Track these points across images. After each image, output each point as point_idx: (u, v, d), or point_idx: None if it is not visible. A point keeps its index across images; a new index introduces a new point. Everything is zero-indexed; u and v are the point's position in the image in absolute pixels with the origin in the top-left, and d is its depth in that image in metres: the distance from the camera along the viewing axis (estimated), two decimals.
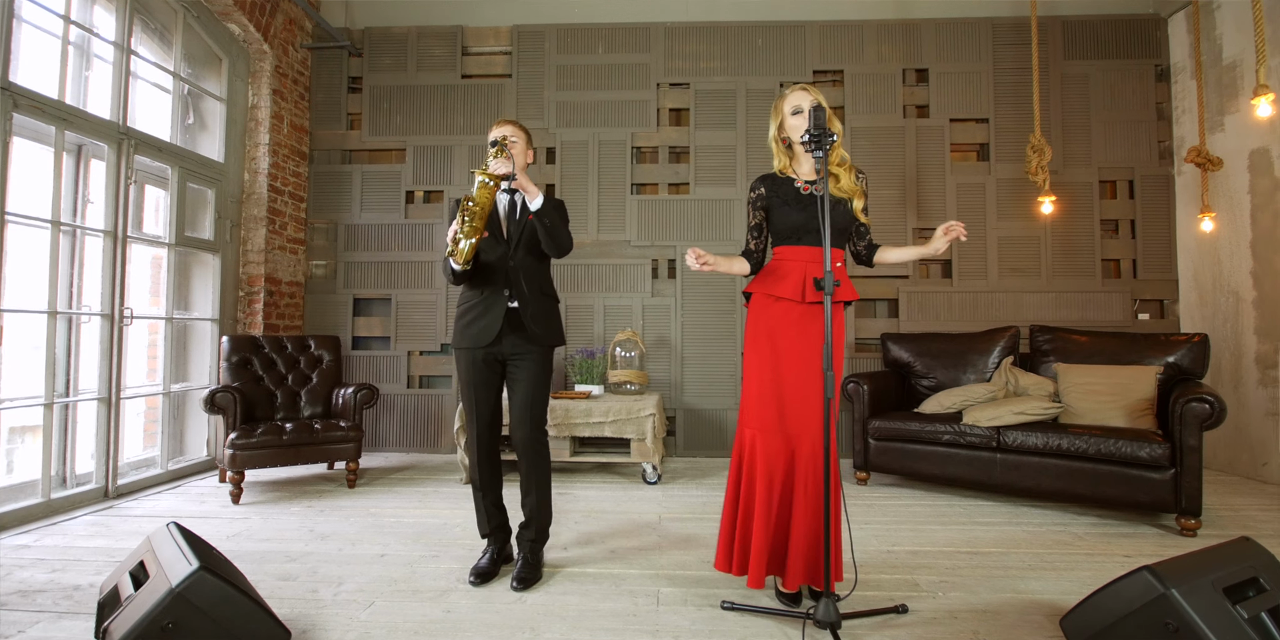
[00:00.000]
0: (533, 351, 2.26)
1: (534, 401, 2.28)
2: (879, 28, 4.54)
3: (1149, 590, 1.40)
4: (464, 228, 2.09)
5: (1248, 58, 3.82)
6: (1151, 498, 2.78)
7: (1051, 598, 2.11)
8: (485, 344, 2.24)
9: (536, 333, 2.25)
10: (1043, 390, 3.37)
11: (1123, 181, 4.47)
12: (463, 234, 2.10)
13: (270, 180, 4.22)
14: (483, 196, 2.09)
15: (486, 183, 2.10)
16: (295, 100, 4.49)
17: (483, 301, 2.27)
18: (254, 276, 4.20)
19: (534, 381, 2.26)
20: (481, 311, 2.26)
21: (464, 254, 2.11)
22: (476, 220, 2.10)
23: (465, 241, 2.10)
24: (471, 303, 2.30)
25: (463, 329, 2.29)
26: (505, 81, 4.63)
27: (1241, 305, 3.91)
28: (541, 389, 2.30)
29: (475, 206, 2.09)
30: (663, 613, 2.00)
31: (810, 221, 2.10)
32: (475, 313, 2.27)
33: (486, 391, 2.30)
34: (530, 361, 2.26)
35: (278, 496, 3.37)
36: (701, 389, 4.45)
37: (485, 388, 2.30)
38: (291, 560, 2.44)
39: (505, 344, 2.25)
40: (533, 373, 2.27)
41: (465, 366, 2.29)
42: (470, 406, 2.31)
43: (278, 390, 3.77)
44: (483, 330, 2.24)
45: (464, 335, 2.29)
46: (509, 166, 2.13)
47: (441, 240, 4.57)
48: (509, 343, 2.25)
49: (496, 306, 2.25)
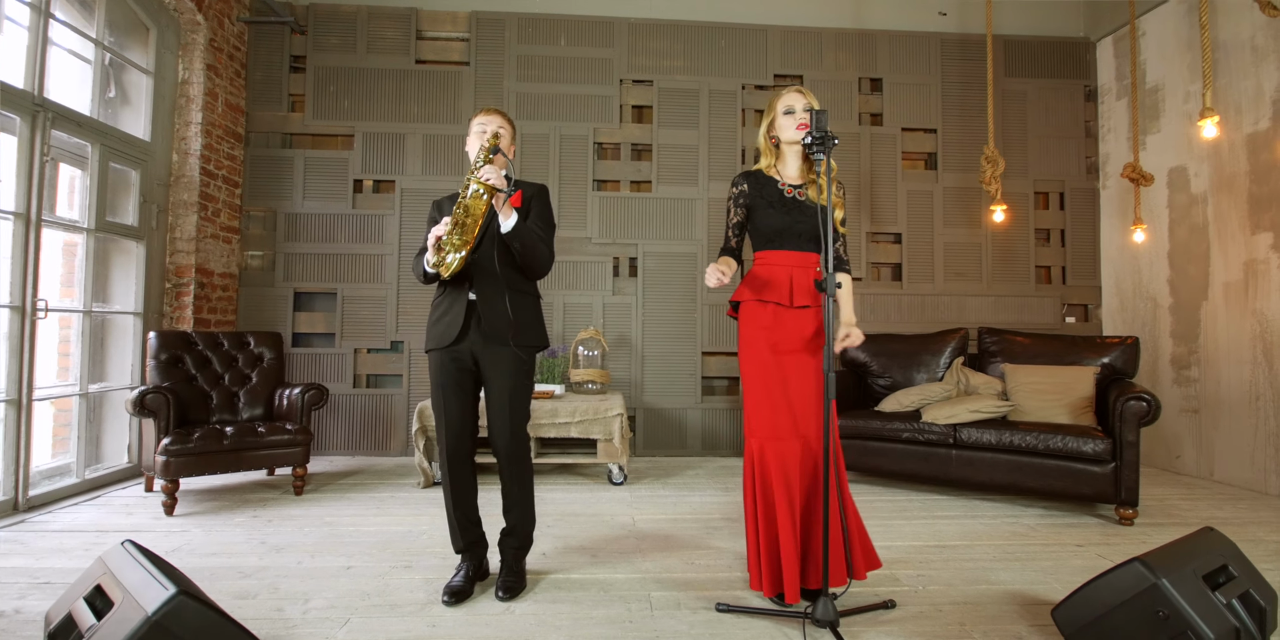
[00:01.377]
0: (504, 352, 2.07)
1: (512, 407, 2.10)
2: (837, 36, 4.65)
3: (1141, 581, 1.48)
4: (453, 240, 1.92)
5: (1170, 82, 4.15)
6: (1094, 490, 2.98)
7: (1021, 587, 2.22)
8: (447, 344, 2.06)
9: (502, 331, 2.05)
10: (991, 389, 3.55)
11: (1054, 193, 4.78)
12: (451, 246, 1.93)
13: (203, 163, 3.89)
14: (476, 208, 1.92)
15: (480, 194, 1.91)
16: (231, 77, 4.16)
17: (445, 298, 2.13)
18: (183, 267, 3.87)
19: (509, 385, 2.08)
20: (445, 310, 2.11)
21: (451, 269, 1.94)
22: (468, 233, 1.93)
23: (454, 255, 1.93)
24: (437, 300, 2.17)
25: (429, 328, 2.15)
26: (463, 69, 4.45)
27: (1159, 311, 4.26)
28: (519, 394, 2.12)
29: (468, 218, 1.92)
30: (658, 617, 1.96)
31: (794, 226, 2.11)
32: (439, 311, 2.13)
33: (457, 395, 2.10)
34: (503, 362, 2.08)
35: (217, 506, 3.11)
36: (662, 388, 4.44)
37: (456, 391, 2.09)
38: (246, 576, 2.25)
39: (472, 344, 2.07)
40: (506, 375, 2.08)
41: (435, 368, 2.12)
42: (439, 412, 2.12)
43: (213, 391, 3.49)
44: (445, 329, 2.08)
45: (429, 335, 2.15)
46: (500, 174, 1.95)
47: (391, 233, 4.35)
48: (476, 342, 2.07)
49: (458, 303, 2.08)
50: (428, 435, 3.51)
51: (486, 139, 2.02)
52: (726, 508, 3.17)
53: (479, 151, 1.99)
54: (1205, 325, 3.93)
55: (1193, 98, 4.00)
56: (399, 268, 4.35)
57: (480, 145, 2.03)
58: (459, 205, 1.94)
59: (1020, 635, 1.86)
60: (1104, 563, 2.45)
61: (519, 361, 2.11)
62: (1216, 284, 3.85)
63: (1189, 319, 4.04)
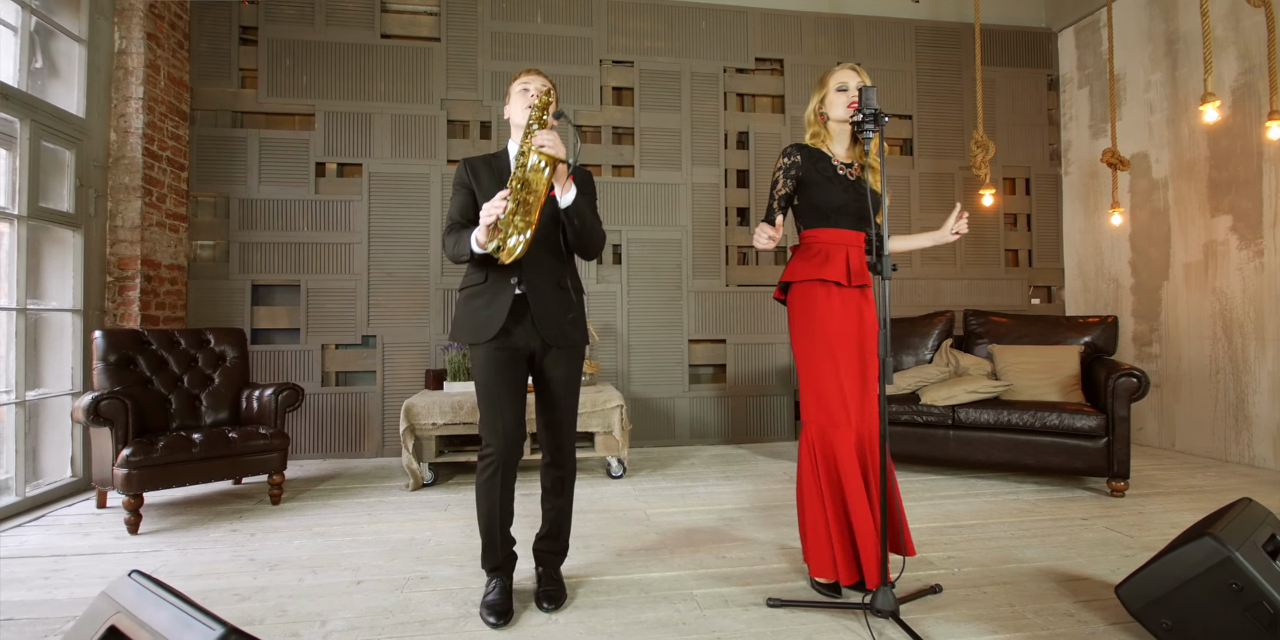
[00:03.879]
0: (565, 346, 1.93)
1: (572, 404, 1.98)
2: (816, 20, 4.63)
3: (1213, 554, 1.50)
4: (516, 220, 1.69)
5: (1131, 71, 4.32)
6: (1088, 464, 3.08)
7: (1049, 564, 2.25)
8: (490, 337, 1.86)
9: (561, 324, 1.90)
10: (981, 369, 3.63)
11: (1021, 179, 4.93)
12: (515, 227, 1.69)
13: (146, 142, 3.51)
14: (537, 182, 1.70)
15: (541, 166, 1.70)
16: (174, 49, 3.76)
17: (489, 286, 1.88)
18: (127, 258, 3.49)
19: (572, 382, 1.96)
20: (490, 299, 1.88)
21: (515, 253, 1.71)
22: (531, 212, 1.70)
23: (518, 237, 1.70)
24: (477, 288, 1.91)
25: (467, 317, 1.92)
26: (433, 45, 4.18)
27: (1121, 291, 4.46)
28: (576, 390, 1.99)
29: (529, 195, 1.70)
30: (710, 617, 1.88)
31: (851, 204, 2.05)
32: (483, 299, 1.89)
33: (512, 394, 1.88)
34: (564, 357, 1.93)
35: (186, 521, 2.83)
36: (649, 377, 4.35)
37: (511, 390, 1.88)
38: (245, 599, 2.04)
39: (528, 338, 1.89)
40: (568, 372, 1.94)
41: (483, 365, 1.88)
42: (493, 413, 1.87)
43: (171, 395, 3.16)
44: (488, 321, 1.86)
45: (465, 326, 1.91)
46: (555, 139, 1.72)
47: (359, 220, 4.06)
48: (530, 336, 1.89)
49: (503, 294, 1.86)
50: (417, 435, 3.30)
51: (535, 98, 1.78)
52: (737, 497, 3.12)
53: (529, 117, 1.76)
54: (1166, 304, 4.14)
55: (1153, 87, 4.18)
56: (368, 257, 4.07)
57: (528, 109, 1.81)
58: (515, 180, 1.71)
59: (1070, 612, 1.88)
60: (1114, 534, 2.53)
61: (578, 357, 1.98)
62: (1177, 265, 4.06)
63: (1150, 298, 4.25)
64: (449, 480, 3.49)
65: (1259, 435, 3.57)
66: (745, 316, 4.46)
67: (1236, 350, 3.70)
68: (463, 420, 3.34)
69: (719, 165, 4.45)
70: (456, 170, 1.96)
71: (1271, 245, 3.51)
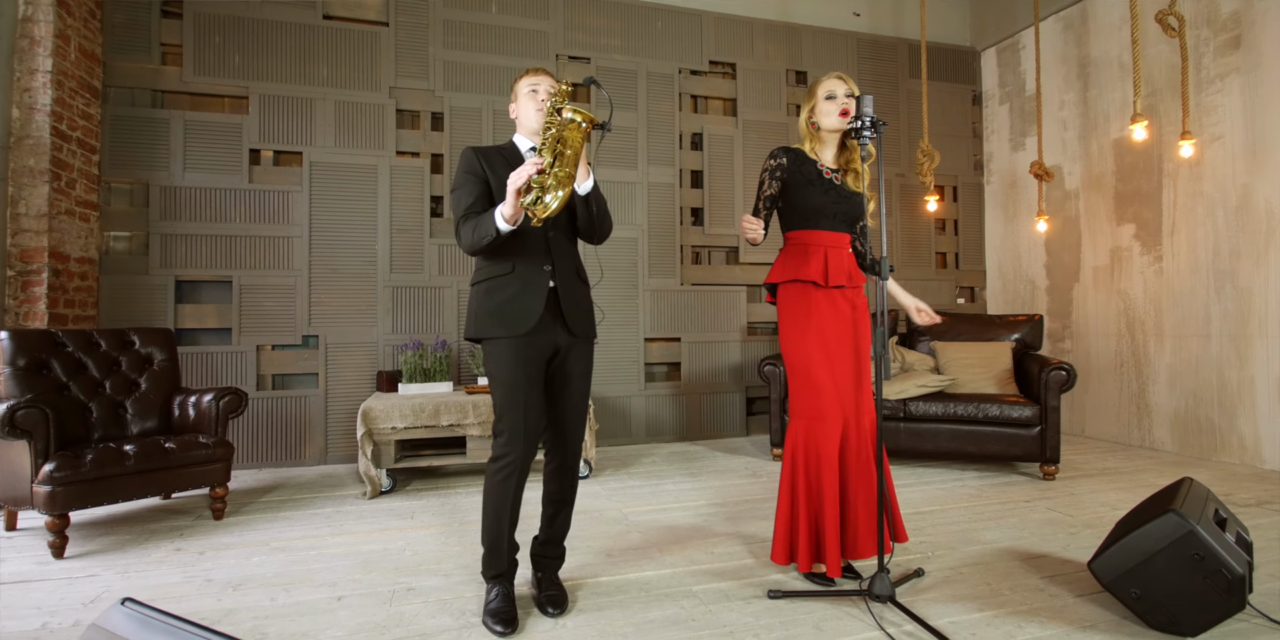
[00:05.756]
0: (585, 345, 1.92)
1: (585, 405, 1.96)
2: (766, 27, 4.75)
3: (1177, 528, 1.67)
4: (557, 173, 1.63)
5: (1046, 90, 4.71)
6: (1024, 451, 3.34)
7: (1009, 545, 2.43)
8: (523, 332, 1.78)
9: (583, 320, 1.90)
10: (925, 365, 3.86)
11: (949, 187, 5.27)
12: (554, 180, 1.63)
13: (54, 121, 3.14)
14: (574, 139, 1.65)
15: (579, 123, 1.65)
16: (84, 17, 3.38)
17: (515, 276, 1.80)
18: (31, 250, 3.11)
19: (587, 380, 1.94)
20: (517, 290, 1.80)
21: (550, 210, 1.64)
22: (569, 164, 1.65)
23: (554, 194, 1.63)
24: (499, 280, 1.82)
25: (491, 310, 1.81)
26: (381, 30, 3.98)
27: (1036, 291, 4.87)
28: (589, 392, 1.98)
29: (569, 150, 1.65)
30: (716, 612, 1.90)
31: (831, 205, 2.13)
32: (509, 290, 1.80)
33: (538, 394, 1.84)
34: (585, 356, 1.92)
35: (119, 542, 2.56)
36: (605, 376, 4.33)
37: (536, 388, 1.83)
38: (214, 623, 1.87)
39: (555, 334, 1.85)
40: (586, 370, 1.92)
41: (508, 361, 1.79)
42: (516, 413, 1.79)
43: (92, 402, 2.86)
44: (519, 315, 1.78)
45: (490, 319, 1.80)
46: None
47: (299, 213, 3.81)
48: (558, 333, 1.85)
49: (535, 283, 1.81)
50: (375, 440, 3.14)
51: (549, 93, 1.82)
52: (706, 494, 3.17)
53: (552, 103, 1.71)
54: (1077, 304, 4.55)
55: (1067, 106, 4.58)
56: (310, 252, 3.82)
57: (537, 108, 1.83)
58: (549, 137, 1.66)
59: (1040, 587, 2.04)
60: (1055, 515, 2.76)
61: (592, 354, 1.97)
62: (1087, 268, 4.47)
63: (1063, 298, 4.66)
64: (407, 486, 3.34)
65: (1158, 421, 4.00)
66: (700, 315, 4.53)
67: (1139, 345, 4.12)
68: (424, 423, 3.20)
69: (674, 165, 4.49)
70: (463, 159, 1.88)
71: (1170, 251, 3.93)
